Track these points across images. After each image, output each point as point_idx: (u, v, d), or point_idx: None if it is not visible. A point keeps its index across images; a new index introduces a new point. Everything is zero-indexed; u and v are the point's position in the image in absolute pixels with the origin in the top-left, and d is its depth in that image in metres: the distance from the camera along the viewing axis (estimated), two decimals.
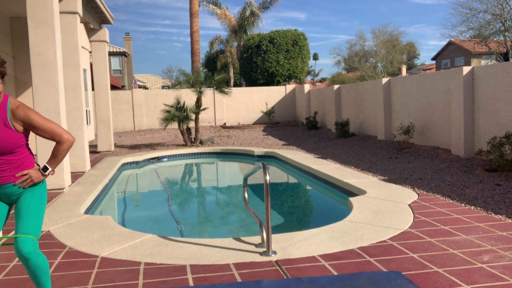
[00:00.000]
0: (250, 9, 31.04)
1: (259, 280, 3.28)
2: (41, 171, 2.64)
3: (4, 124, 2.51)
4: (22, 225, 2.55)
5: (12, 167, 2.58)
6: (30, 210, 2.60)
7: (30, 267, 2.57)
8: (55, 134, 2.59)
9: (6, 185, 2.60)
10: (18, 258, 2.56)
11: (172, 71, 65.66)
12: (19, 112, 2.54)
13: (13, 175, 2.58)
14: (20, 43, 11.69)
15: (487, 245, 3.87)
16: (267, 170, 3.79)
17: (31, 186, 2.64)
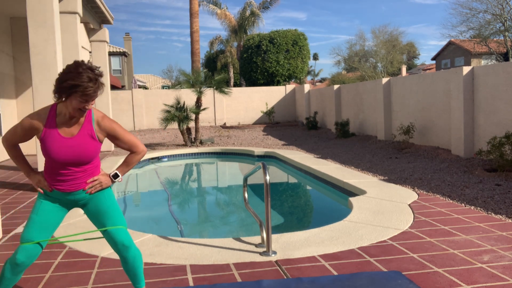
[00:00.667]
0: (250, 9, 31.05)
1: (259, 280, 3.28)
2: (111, 177, 2.72)
3: (90, 136, 2.58)
4: (111, 220, 2.67)
5: (86, 175, 2.65)
6: (110, 206, 2.71)
7: (130, 257, 2.69)
8: (132, 146, 2.71)
9: (77, 192, 2.65)
10: (116, 251, 2.69)
11: (172, 71, 65.67)
12: (105, 124, 2.62)
13: (83, 182, 2.65)
14: (20, 43, 11.69)
15: (487, 245, 3.87)
16: (267, 170, 3.79)
17: (98, 191, 2.70)
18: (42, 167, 6.71)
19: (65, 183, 2.61)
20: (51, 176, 2.62)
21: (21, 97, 11.99)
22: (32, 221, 2.60)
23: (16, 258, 2.53)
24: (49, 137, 2.53)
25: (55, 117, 2.56)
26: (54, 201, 2.67)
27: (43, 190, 2.66)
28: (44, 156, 2.59)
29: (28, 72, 11.39)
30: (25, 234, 2.56)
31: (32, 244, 2.55)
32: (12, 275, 2.58)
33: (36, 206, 2.65)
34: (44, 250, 4.13)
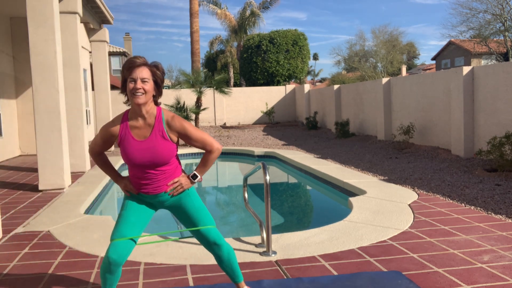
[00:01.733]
0: (250, 9, 31.04)
1: (259, 280, 3.28)
2: (190, 178, 2.72)
3: (162, 136, 2.59)
4: (201, 220, 2.71)
5: (165, 177, 2.66)
6: (197, 207, 2.75)
7: (224, 254, 2.74)
8: (205, 144, 2.69)
9: (160, 194, 2.68)
10: (209, 250, 2.74)
11: (172, 71, 65.63)
12: (175, 123, 2.61)
13: (165, 184, 2.67)
14: (20, 43, 11.69)
15: (487, 245, 3.87)
16: (267, 170, 3.79)
17: (180, 193, 2.73)
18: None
19: (148, 186, 2.65)
20: (134, 180, 2.67)
21: (21, 97, 11.99)
22: (122, 218, 2.63)
23: (108, 257, 2.52)
24: (124, 141, 2.59)
25: (127, 121, 2.61)
26: (141, 202, 2.72)
27: (130, 193, 2.73)
28: (124, 161, 2.67)
29: (28, 72, 11.39)
30: (116, 231, 2.58)
31: (123, 241, 2.55)
32: (110, 274, 2.57)
33: (124, 205, 2.70)
34: (44, 250, 4.14)
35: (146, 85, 2.50)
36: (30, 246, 4.28)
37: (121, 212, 2.67)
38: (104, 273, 2.57)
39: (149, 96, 2.53)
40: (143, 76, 2.49)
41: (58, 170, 6.92)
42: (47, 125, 6.83)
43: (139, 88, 2.48)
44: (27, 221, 5.19)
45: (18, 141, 12.05)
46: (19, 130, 12.05)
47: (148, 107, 2.57)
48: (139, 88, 2.48)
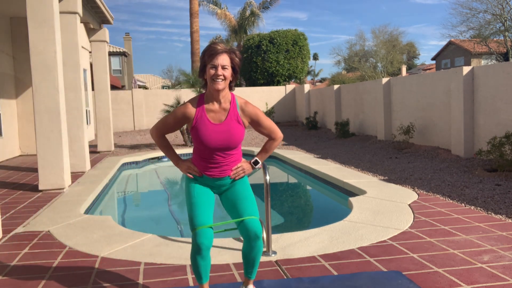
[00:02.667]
0: (250, 9, 31.03)
1: (259, 280, 3.28)
2: (251, 164, 2.84)
3: (236, 121, 2.70)
4: (247, 209, 2.76)
5: (231, 161, 2.77)
6: (248, 195, 2.83)
7: (257, 247, 2.78)
8: (272, 131, 2.83)
9: (223, 178, 2.78)
10: (246, 239, 2.75)
11: (172, 71, 65.64)
12: (249, 109, 2.74)
13: (230, 168, 2.78)
14: (20, 43, 11.69)
15: (487, 245, 3.87)
16: (267, 170, 3.79)
17: (241, 177, 2.84)
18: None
19: (215, 169, 2.74)
20: (201, 162, 2.75)
21: (21, 97, 11.98)
22: (194, 205, 2.71)
23: (198, 243, 2.60)
24: (200, 124, 2.66)
25: (204, 105, 2.70)
26: (204, 185, 2.81)
27: (193, 175, 2.79)
28: (195, 144, 2.73)
29: (28, 72, 11.38)
30: (195, 221, 2.65)
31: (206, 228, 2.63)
32: (203, 261, 2.68)
33: (191, 191, 2.77)
34: (44, 250, 4.14)
35: (226, 71, 2.60)
36: (30, 246, 4.28)
37: (191, 199, 2.74)
38: (197, 261, 2.68)
39: (228, 82, 2.64)
40: (224, 63, 2.59)
41: (58, 170, 6.92)
42: (47, 125, 6.83)
43: (220, 74, 2.57)
44: (27, 221, 5.19)
45: (18, 141, 12.06)
46: (19, 130, 12.05)
47: (224, 92, 2.67)
48: (220, 74, 2.57)
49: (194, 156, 2.81)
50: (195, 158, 2.80)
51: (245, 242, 2.77)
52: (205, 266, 2.71)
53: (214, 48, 2.60)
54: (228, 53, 2.62)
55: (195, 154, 2.79)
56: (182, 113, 2.71)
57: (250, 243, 2.75)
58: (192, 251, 2.68)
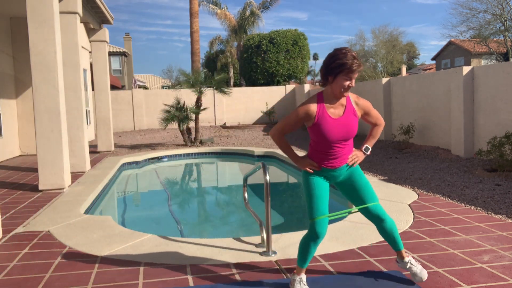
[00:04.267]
0: (250, 9, 31.03)
1: (259, 280, 3.28)
2: (363, 151, 3.14)
3: (353, 114, 2.98)
4: (368, 195, 3.08)
5: (348, 150, 3.05)
6: (366, 183, 3.11)
7: (388, 227, 3.08)
8: (378, 119, 3.17)
9: (341, 167, 3.06)
10: (374, 222, 3.10)
11: (172, 71, 65.67)
12: (362, 103, 3.05)
13: (346, 158, 3.05)
14: (20, 43, 11.68)
15: (487, 245, 3.87)
16: (267, 170, 3.79)
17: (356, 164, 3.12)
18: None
19: (334, 160, 3.01)
20: (320, 156, 3.02)
21: (21, 97, 11.98)
22: (315, 197, 3.04)
23: (317, 232, 2.97)
24: (322, 120, 2.92)
25: (323, 103, 2.95)
26: (322, 178, 3.07)
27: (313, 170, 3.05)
28: (315, 139, 2.99)
29: (28, 72, 11.38)
30: (316, 210, 3.02)
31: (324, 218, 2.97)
32: (314, 247, 3.04)
33: (310, 184, 3.06)
34: (44, 250, 4.14)
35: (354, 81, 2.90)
36: (30, 246, 4.28)
37: (311, 191, 3.05)
38: (310, 247, 3.02)
39: None
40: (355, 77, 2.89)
41: (58, 170, 6.92)
42: (47, 125, 6.82)
43: (352, 86, 2.89)
44: (27, 221, 5.19)
45: (18, 141, 12.06)
46: (19, 130, 12.05)
47: None
48: (352, 86, 2.89)
49: (312, 151, 3.06)
50: (312, 153, 3.06)
51: (376, 225, 3.10)
52: (313, 253, 3.06)
53: (356, 64, 2.81)
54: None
55: (313, 149, 3.05)
56: (304, 112, 2.95)
57: (380, 225, 3.08)
58: (308, 238, 3.02)
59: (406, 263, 3.16)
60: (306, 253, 3.05)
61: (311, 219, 3.00)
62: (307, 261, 3.08)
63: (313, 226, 2.98)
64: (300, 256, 3.08)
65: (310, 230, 3.00)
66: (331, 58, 2.85)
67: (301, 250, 3.07)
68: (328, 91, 2.96)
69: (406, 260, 3.16)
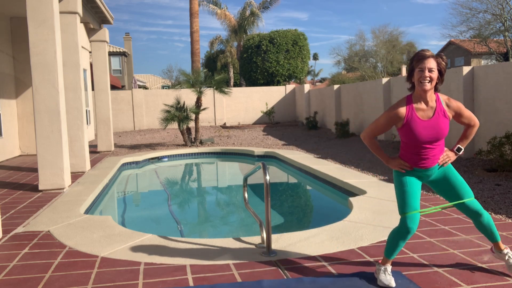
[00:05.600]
0: (250, 9, 31.03)
1: (259, 280, 3.28)
2: (455, 151, 3.19)
3: (444, 115, 3.04)
4: (464, 191, 3.15)
5: (439, 151, 3.11)
6: (460, 180, 3.18)
7: (485, 220, 3.18)
8: (471, 119, 3.17)
9: (432, 167, 3.13)
10: (471, 217, 3.18)
11: (172, 71, 65.66)
12: (452, 104, 3.09)
13: (437, 158, 3.12)
14: (20, 43, 11.69)
15: (487, 245, 3.87)
16: (267, 170, 3.79)
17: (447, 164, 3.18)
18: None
19: (426, 161, 3.09)
20: (412, 157, 3.10)
21: (21, 97, 11.99)
22: (407, 193, 3.07)
23: (408, 227, 3.01)
24: (411, 122, 3.02)
25: (412, 104, 3.04)
26: (414, 177, 3.14)
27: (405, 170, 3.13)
28: (405, 140, 3.08)
29: (28, 72, 11.38)
30: (408, 205, 3.05)
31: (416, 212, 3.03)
32: (403, 242, 3.09)
33: (402, 181, 3.12)
34: (44, 250, 4.14)
35: (433, 74, 2.93)
36: (30, 246, 4.28)
37: (404, 187, 3.09)
38: (399, 241, 3.09)
39: (434, 83, 2.98)
40: (430, 67, 2.92)
41: (58, 170, 6.92)
42: (47, 125, 6.83)
43: (426, 76, 2.92)
44: (27, 221, 5.19)
45: (18, 141, 12.06)
46: (19, 130, 12.05)
47: (430, 92, 3.01)
48: (426, 76, 2.92)
49: (403, 152, 3.15)
50: (403, 154, 3.14)
51: (473, 220, 3.20)
52: (402, 246, 3.14)
53: (422, 53, 2.94)
54: (435, 57, 2.95)
55: (404, 151, 3.14)
56: (394, 114, 3.05)
57: (477, 219, 3.17)
58: (398, 232, 3.07)
59: (504, 254, 3.25)
60: (395, 246, 3.13)
61: (403, 214, 3.05)
62: (394, 254, 3.16)
63: (404, 221, 3.03)
64: (388, 248, 3.16)
65: (401, 224, 3.06)
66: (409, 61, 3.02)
67: (390, 243, 3.15)
68: (415, 94, 3.05)
69: (505, 251, 3.25)
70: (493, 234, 3.24)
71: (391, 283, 3.10)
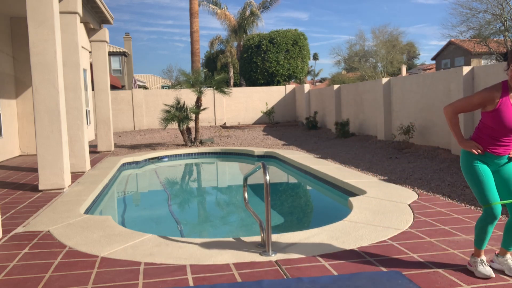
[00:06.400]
0: (250, 9, 31.04)
1: (259, 280, 3.28)
2: None
3: None
4: None
5: None
6: None
7: None
8: None
9: (504, 156, 3.18)
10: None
11: (172, 71, 65.67)
12: None
13: (510, 149, 3.16)
14: (20, 43, 11.69)
15: (487, 245, 3.86)
16: (267, 170, 3.79)
17: None
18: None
19: (500, 148, 3.15)
20: (488, 141, 3.16)
21: (21, 97, 11.99)
22: (485, 183, 3.14)
23: (495, 215, 3.10)
24: (504, 107, 3.05)
25: (507, 90, 3.07)
26: (484, 162, 3.19)
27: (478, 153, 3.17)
28: (491, 124, 3.11)
29: (28, 72, 11.38)
30: (490, 197, 3.12)
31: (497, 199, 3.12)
32: (491, 228, 3.18)
33: (477, 170, 3.18)
34: (44, 250, 4.14)
35: None
36: (30, 246, 4.28)
37: (480, 177, 3.15)
38: (487, 230, 3.17)
39: None
40: None
41: (58, 170, 6.92)
42: (47, 125, 6.83)
43: None
44: (27, 221, 5.19)
45: (18, 141, 12.06)
46: (19, 130, 12.05)
47: None
48: None
49: (479, 135, 3.20)
50: (480, 137, 3.19)
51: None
52: (490, 233, 3.20)
53: None
54: None
55: (482, 134, 3.18)
56: (490, 96, 3.07)
57: None
58: (485, 221, 3.15)
59: (505, 259, 3.28)
60: (484, 235, 3.18)
61: (487, 205, 3.11)
62: (485, 242, 3.21)
63: (490, 211, 3.10)
64: (478, 239, 3.22)
65: (486, 214, 3.12)
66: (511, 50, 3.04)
67: (478, 233, 3.21)
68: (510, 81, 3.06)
69: (507, 256, 3.29)
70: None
71: (491, 274, 3.18)
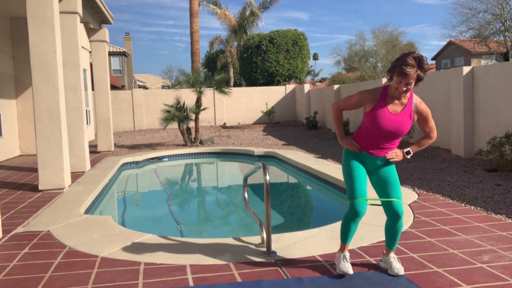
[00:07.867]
0: (250, 9, 31.03)
1: (259, 280, 3.28)
2: (404, 152, 3.28)
3: (409, 115, 3.17)
4: (395, 191, 3.26)
5: (392, 147, 3.28)
6: (395, 180, 3.29)
7: (399, 225, 3.29)
8: (432, 131, 3.29)
9: (380, 157, 3.27)
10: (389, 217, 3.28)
11: (172, 71, 65.67)
12: (422, 108, 3.21)
13: (387, 152, 3.26)
14: (20, 43, 11.69)
15: (487, 245, 3.87)
16: (267, 170, 3.79)
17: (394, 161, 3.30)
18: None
19: (376, 150, 3.25)
20: (365, 141, 3.26)
21: (21, 97, 11.98)
22: (354, 178, 3.23)
23: (357, 211, 3.16)
24: (379, 110, 3.14)
25: (386, 96, 3.17)
26: (359, 161, 3.31)
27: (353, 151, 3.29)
28: (368, 125, 3.20)
29: (28, 72, 11.38)
30: (356, 192, 3.19)
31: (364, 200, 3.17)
32: (355, 226, 3.25)
33: (349, 165, 3.29)
34: (44, 250, 4.14)
35: (409, 86, 3.03)
36: (30, 246, 4.28)
37: (351, 172, 3.26)
38: (350, 225, 3.25)
39: (409, 91, 3.09)
40: (409, 81, 3.00)
41: (58, 170, 6.92)
42: (47, 125, 6.83)
43: (403, 90, 3.04)
44: (27, 221, 5.19)
45: (18, 141, 12.05)
46: (19, 130, 12.05)
47: None
48: (403, 90, 3.04)
49: (359, 134, 3.30)
50: (358, 136, 3.30)
51: (389, 219, 3.29)
52: (353, 231, 3.28)
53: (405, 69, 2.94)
54: (416, 71, 2.98)
55: (361, 133, 3.29)
56: (368, 96, 3.19)
57: (394, 220, 3.26)
58: (348, 217, 3.24)
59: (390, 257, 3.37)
60: (347, 231, 3.29)
61: (351, 199, 3.20)
62: (348, 238, 3.31)
63: (353, 206, 3.18)
64: (342, 233, 3.32)
65: (350, 209, 3.20)
66: (396, 58, 3.06)
67: (342, 228, 3.31)
68: (391, 88, 3.15)
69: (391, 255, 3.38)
70: (394, 241, 3.35)
71: (349, 271, 3.24)
